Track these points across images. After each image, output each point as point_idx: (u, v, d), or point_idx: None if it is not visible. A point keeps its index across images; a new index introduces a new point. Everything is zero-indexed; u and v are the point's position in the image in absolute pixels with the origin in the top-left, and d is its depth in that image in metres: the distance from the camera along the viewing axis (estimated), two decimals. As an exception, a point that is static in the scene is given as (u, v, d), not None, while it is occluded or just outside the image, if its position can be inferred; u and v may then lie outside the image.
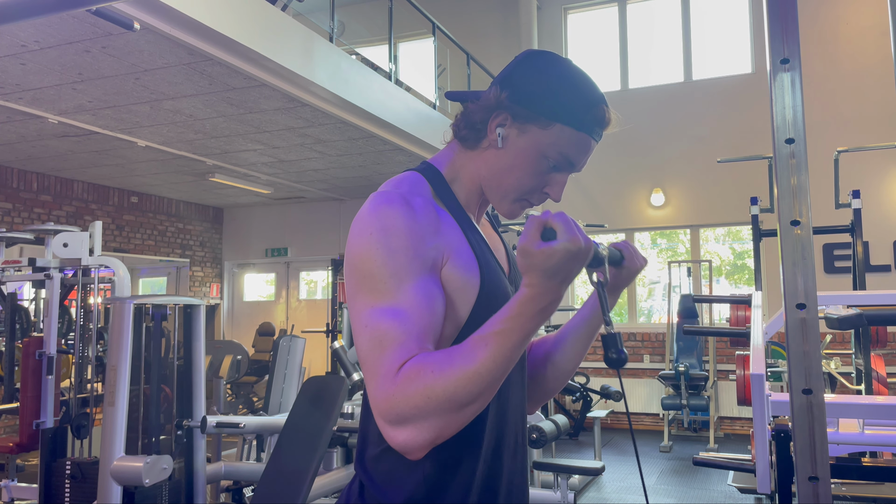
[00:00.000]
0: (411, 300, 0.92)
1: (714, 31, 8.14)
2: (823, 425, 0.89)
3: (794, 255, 0.91)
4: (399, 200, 0.96)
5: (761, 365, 2.20)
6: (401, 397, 0.85)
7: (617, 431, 7.59)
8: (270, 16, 4.56)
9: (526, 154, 1.03)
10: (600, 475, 5.28)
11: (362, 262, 0.94)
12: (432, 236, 0.96)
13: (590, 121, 1.02)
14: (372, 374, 0.89)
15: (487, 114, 1.04)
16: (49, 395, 3.76)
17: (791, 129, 0.91)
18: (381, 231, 0.94)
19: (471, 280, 0.99)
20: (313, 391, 3.30)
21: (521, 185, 1.05)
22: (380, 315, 0.91)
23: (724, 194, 7.53)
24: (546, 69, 1.03)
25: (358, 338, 0.93)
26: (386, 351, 0.89)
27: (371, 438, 1.04)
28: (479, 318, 0.99)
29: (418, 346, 0.89)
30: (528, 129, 1.02)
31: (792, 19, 0.92)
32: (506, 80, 1.04)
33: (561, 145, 1.02)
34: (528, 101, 1.01)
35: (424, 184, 1.04)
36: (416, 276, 0.93)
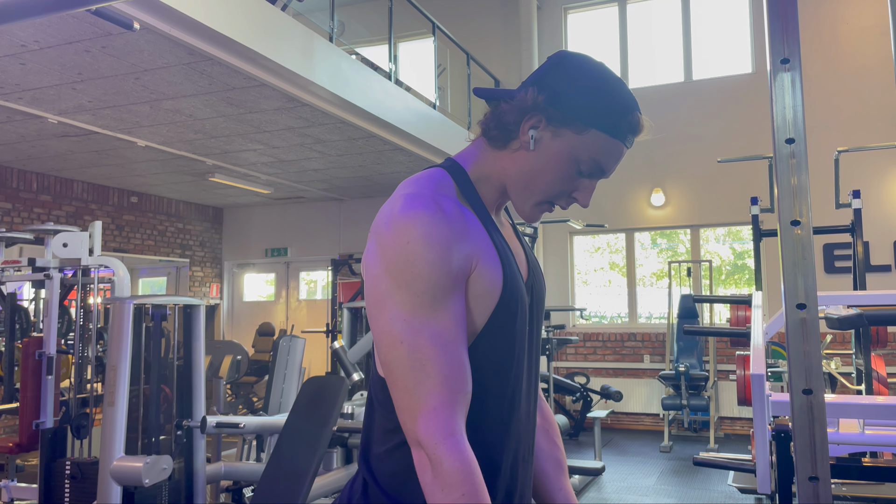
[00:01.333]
0: (448, 322, 0.93)
1: (714, 31, 8.14)
2: (824, 425, 0.89)
3: (795, 255, 0.90)
4: (433, 206, 0.95)
5: (761, 365, 2.20)
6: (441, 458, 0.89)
7: (617, 431, 7.59)
8: (270, 16, 4.56)
9: (558, 158, 1.02)
10: (600, 475, 5.29)
11: (399, 270, 0.93)
12: (464, 244, 0.96)
13: (624, 127, 1.02)
14: (411, 396, 0.92)
15: (521, 115, 1.02)
16: (49, 395, 3.76)
17: (791, 129, 0.91)
18: (419, 240, 0.93)
19: (494, 288, 0.99)
20: (313, 391, 3.30)
21: (550, 189, 1.04)
22: (417, 332, 0.92)
23: (724, 194, 7.53)
24: (583, 73, 1.02)
25: (391, 350, 0.94)
26: (431, 381, 0.92)
27: (376, 437, 1.04)
28: (496, 324, 1.00)
29: (462, 393, 0.93)
30: (563, 133, 1.01)
31: (792, 19, 0.92)
32: (541, 82, 1.02)
33: (594, 151, 1.01)
34: (565, 104, 1.00)
35: (450, 183, 1.03)
36: (451, 293, 0.94)
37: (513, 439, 1.04)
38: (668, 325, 7.50)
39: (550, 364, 6.67)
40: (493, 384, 1.00)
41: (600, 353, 7.98)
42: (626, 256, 8.31)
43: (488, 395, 1.00)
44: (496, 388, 1.01)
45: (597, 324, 8.45)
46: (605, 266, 8.64)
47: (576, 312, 8.13)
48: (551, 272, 8.37)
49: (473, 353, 0.98)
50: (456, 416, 0.92)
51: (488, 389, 1.00)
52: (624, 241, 8.32)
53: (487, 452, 1.00)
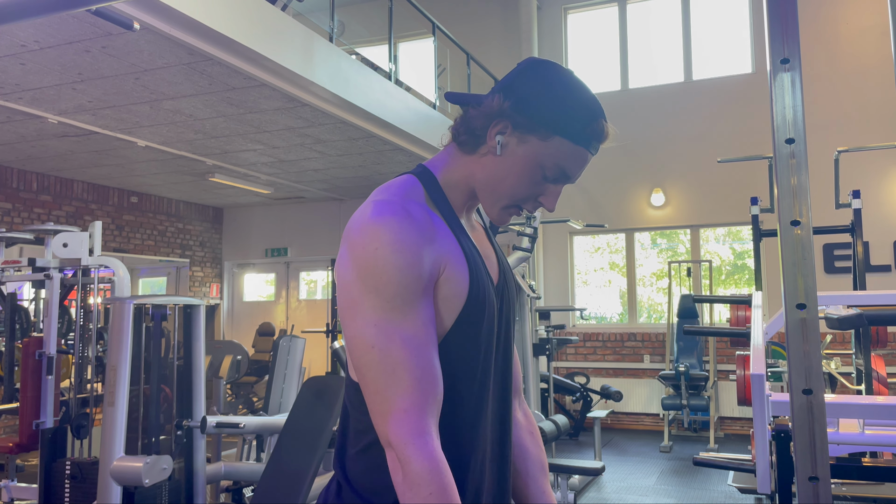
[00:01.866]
0: (418, 327, 0.95)
1: (714, 31, 8.14)
2: (823, 425, 0.89)
3: (795, 255, 0.90)
4: (402, 212, 0.98)
5: (761, 365, 2.20)
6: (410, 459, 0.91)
7: (617, 431, 7.59)
8: (270, 16, 4.56)
9: (523, 163, 1.04)
10: (600, 475, 5.29)
11: (369, 275, 0.95)
12: (432, 248, 0.98)
13: (588, 135, 1.04)
14: (382, 400, 0.94)
15: (488, 120, 1.05)
16: (49, 396, 3.76)
17: (791, 129, 0.91)
18: (388, 245, 0.95)
19: (460, 291, 1.01)
20: (313, 391, 3.30)
21: (516, 193, 1.07)
22: (388, 336, 0.94)
23: (724, 194, 7.53)
24: (549, 81, 1.04)
25: (363, 355, 0.95)
26: (402, 383, 0.94)
27: (350, 438, 1.06)
28: (462, 327, 1.02)
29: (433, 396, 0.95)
30: (528, 140, 1.03)
31: (792, 19, 0.92)
32: (508, 89, 1.04)
33: (559, 157, 1.03)
34: (530, 111, 1.02)
35: (419, 188, 1.06)
36: (420, 297, 0.96)
37: (481, 439, 1.06)
38: (668, 325, 7.51)
39: (550, 364, 6.67)
40: (460, 385, 1.03)
41: (600, 353, 7.98)
42: (626, 256, 8.31)
43: (455, 395, 1.02)
44: (463, 389, 1.03)
45: (597, 324, 8.45)
46: (605, 266, 8.64)
47: (576, 312, 8.13)
48: (551, 272, 8.37)
49: (441, 353, 1.00)
50: (426, 417, 0.94)
51: (455, 390, 1.02)
52: (624, 241, 8.32)
53: (456, 451, 1.02)
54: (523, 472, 1.23)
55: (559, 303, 8.17)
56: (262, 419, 3.84)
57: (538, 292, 8.04)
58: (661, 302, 8.26)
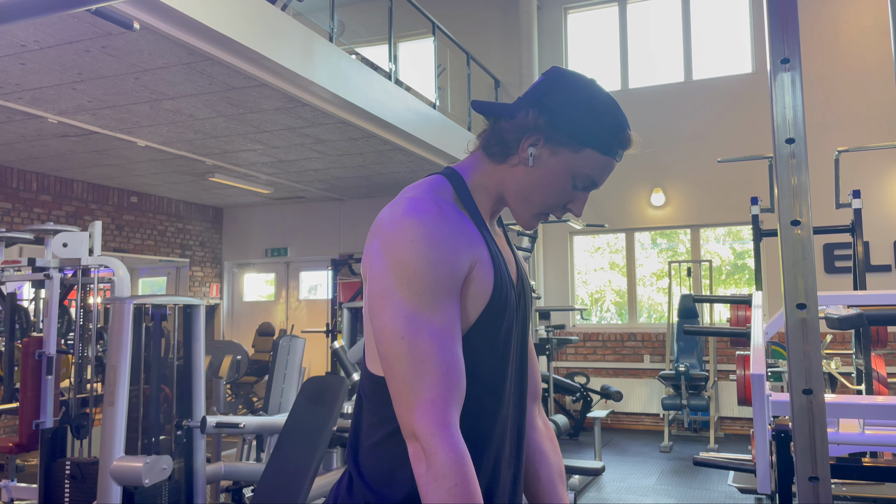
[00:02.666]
0: (447, 321, 0.98)
1: (714, 31, 8.14)
2: (824, 425, 0.89)
3: (795, 255, 0.90)
4: (435, 209, 1.02)
5: (761, 365, 2.20)
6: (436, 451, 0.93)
7: (617, 431, 7.59)
8: (270, 16, 4.56)
9: (556, 174, 1.09)
10: (600, 475, 5.29)
11: (402, 268, 0.98)
12: (465, 247, 1.02)
13: (616, 145, 1.09)
14: (409, 390, 0.96)
15: (521, 133, 1.09)
16: (49, 395, 3.75)
17: (791, 129, 0.91)
18: (422, 239, 0.98)
19: (485, 290, 1.04)
20: (313, 391, 3.30)
21: (547, 201, 1.12)
22: (418, 328, 0.96)
23: (724, 194, 7.53)
24: (579, 94, 1.09)
25: (391, 345, 0.97)
26: (429, 375, 0.96)
27: (364, 430, 1.08)
28: (483, 325, 1.05)
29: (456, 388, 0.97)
30: (560, 152, 1.08)
31: (792, 19, 0.92)
32: (540, 104, 1.09)
33: (588, 168, 1.09)
34: (564, 126, 1.07)
35: (449, 188, 1.10)
36: (451, 293, 1.00)
37: (496, 437, 1.08)
38: (668, 325, 7.50)
39: (550, 364, 6.67)
40: (478, 381, 1.05)
41: (600, 353, 7.98)
42: (626, 256, 8.31)
43: (473, 391, 1.04)
44: (481, 385, 1.06)
45: (597, 324, 8.45)
46: (605, 266, 8.64)
47: (576, 312, 8.13)
48: (551, 272, 8.37)
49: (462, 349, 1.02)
50: (451, 409, 0.96)
51: (473, 386, 1.04)
52: (624, 241, 8.32)
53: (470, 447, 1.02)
54: (544, 478, 1.25)
55: (559, 303, 8.17)
56: (262, 419, 3.83)
57: (538, 292, 8.04)
58: (661, 302, 8.26)
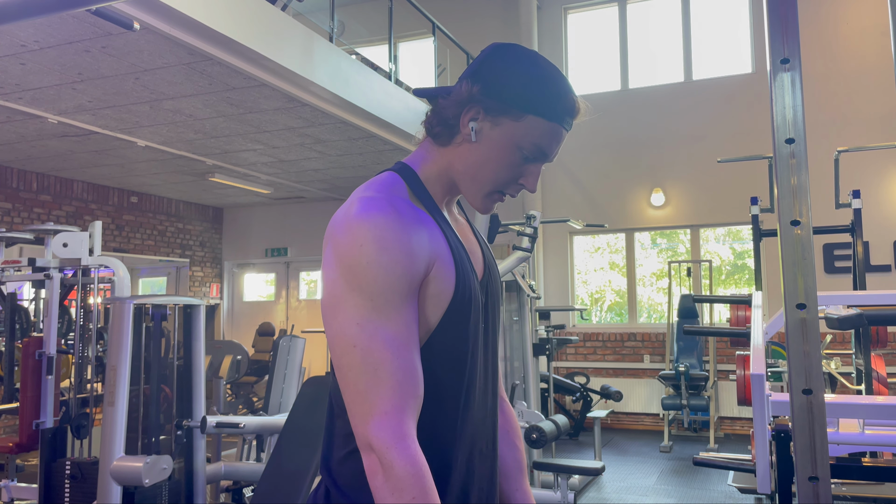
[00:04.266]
0: (402, 327, 0.94)
1: (714, 31, 8.14)
2: (823, 425, 0.89)
3: (795, 255, 0.90)
4: (389, 209, 0.97)
5: (761, 365, 2.20)
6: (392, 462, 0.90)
7: (617, 431, 7.59)
8: (270, 16, 4.56)
9: (500, 146, 1.03)
10: (600, 475, 5.28)
11: (353, 273, 0.94)
12: (420, 247, 0.97)
13: (561, 111, 1.03)
14: (363, 401, 0.92)
15: (459, 108, 1.04)
16: (49, 395, 3.76)
17: (791, 129, 0.91)
18: (374, 243, 0.93)
19: (447, 288, 1.00)
20: (313, 391, 3.30)
21: (497, 178, 1.06)
22: (371, 336, 0.92)
23: (724, 194, 7.53)
24: (515, 62, 1.04)
25: (344, 354, 0.94)
26: (383, 385, 0.92)
27: (336, 442, 1.05)
28: (448, 325, 1.01)
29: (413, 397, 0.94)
30: (501, 122, 1.03)
31: (792, 19, 0.92)
32: (476, 74, 1.04)
33: (534, 136, 1.03)
34: (500, 93, 1.02)
35: (402, 185, 1.05)
36: (405, 297, 0.95)
37: (468, 435, 1.05)
38: (668, 325, 7.51)
39: (550, 364, 6.67)
40: (446, 382, 1.02)
41: (600, 353, 7.98)
42: (626, 256, 8.31)
43: (442, 392, 1.01)
44: (449, 386, 1.02)
45: (597, 324, 8.45)
46: (605, 266, 8.64)
47: (576, 312, 8.13)
48: (551, 272, 8.37)
49: (426, 351, 0.99)
50: (407, 419, 0.93)
51: (441, 387, 1.01)
52: (624, 241, 8.32)
53: (441, 449, 1.01)
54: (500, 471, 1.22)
55: (559, 303, 8.17)
56: (262, 419, 3.83)
57: (538, 292, 8.04)
58: (661, 302, 8.26)
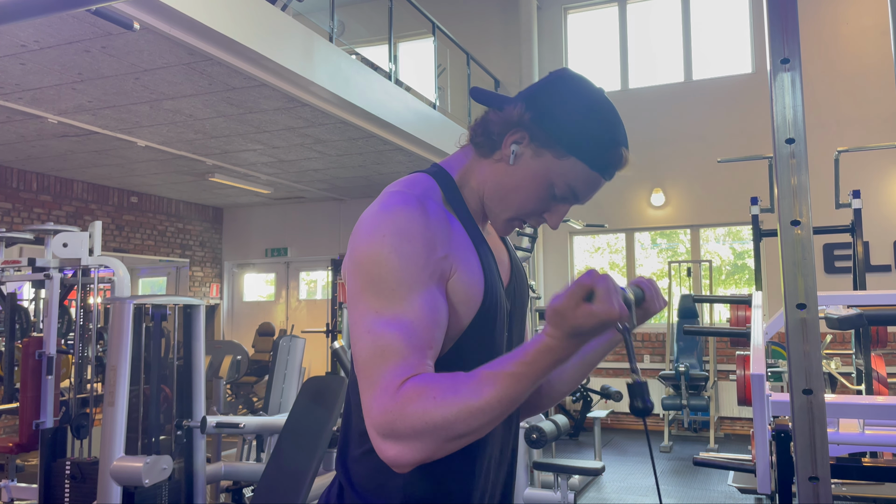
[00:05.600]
0: (417, 311, 0.90)
1: (714, 31, 8.14)
2: (824, 425, 0.89)
3: (795, 255, 0.90)
4: (415, 202, 0.95)
5: (761, 365, 2.20)
6: (398, 414, 0.84)
7: (617, 431, 7.59)
8: (270, 16, 4.56)
9: (534, 177, 1.01)
10: (600, 475, 5.28)
11: (371, 264, 0.92)
12: (444, 245, 0.95)
13: (605, 162, 1.00)
14: (370, 384, 0.88)
15: (506, 127, 1.01)
16: (49, 396, 3.75)
17: (791, 129, 0.91)
18: (395, 233, 0.91)
19: (474, 296, 0.98)
20: (313, 391, 3.30)
21: (522, 207, 1.03)
22: (384, 324, 0.89)
23: (724, 194, 7.53)
24: (574, 97, 1.00)
25: (358, 341, 0.91)
26: (388, 363, 0.87)
27: (353, 439, 1.04)
28: (474, 332, 0.99)
29: (420, 362, 0.88)
30: (543, 154, 1.00)
31: (792, 19, 0.92)
32: (532, 99, 1.01)
33: (571, 178, 1.00)
34: (550, 127, 0.99)
35: (436, 188, 1.02)
36: (424, 286, 0.92)
37: (489, 443, 1.04)
38: (668, 325, 7.50)
39: (550, 364, 6.66)
40: None
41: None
42: (626, 256, 8.31)
43: None
44: None
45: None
46: (606, 266, 8.64)
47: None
48: (551, 272, 8.37)
49: (454, 350, 0.98)
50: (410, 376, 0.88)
51: None
52: (624, 241, 8.32)
53: (465, 457, 0.99)
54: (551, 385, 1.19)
55: (559, 303, 8.15)
56: (262, 419, 3.83)
57: (538, 292, 8.04)
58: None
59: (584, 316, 0.81)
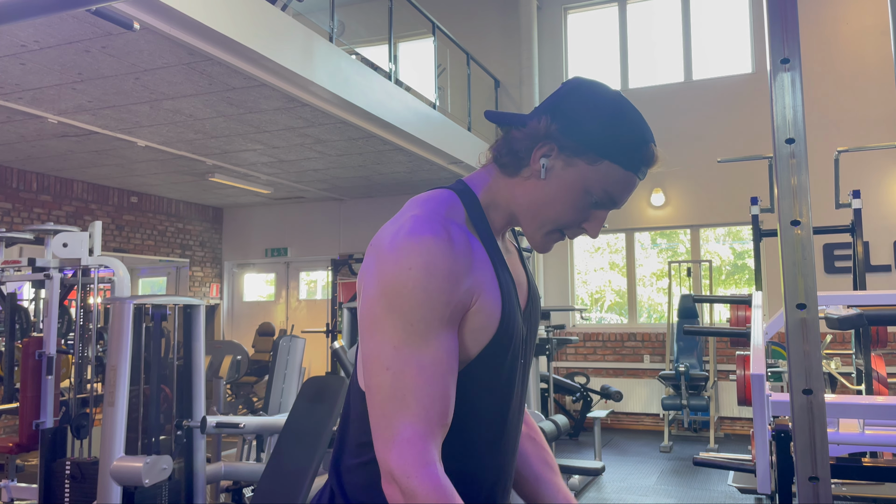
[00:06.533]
0: (435, 356, 0.91)
1: (714, 31, 8.14)
2: (824, 425, 0.89)
3: (795, 255, 0.90)
4: (442, 233, 0.93)
5: (761, 365, 2.20)
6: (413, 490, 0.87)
7: (617, 431, 7.59)
8: (270, 16, 4.56)
9: (570, 188, 1.00)
10: (600, 475, 5.29)
11: (395, 295, 0.91)
12: (468, 278, 0.94)
13: (638, 160, 1.01)
14: (389, 430, 0.90)
15: (533, 142, 1.00)
16: (49, 396, 3.76)
17: (791, 129, 0.91)
18: (422, 268, 0.91)
19: (491, 324, 0.98)
20: (313, 391, 3.30)
21: (560, 219, 1.02)
22: (406, 361, 0.90)
23: (724, 194, 7.53)
24: (598, 102, 1.00)
25: (375, 375, 0.92)
26: (409, 413, 0.89)
27: (349, 447, 1.03)
28: (487, 358, 0.99)
29: (439, 424, 0.91)
30: (575, 163, 0.99)
31: (792, 19, 0.92)
32: (555, 110, 1.00)
33: (607, 182, 1.00)
34: (579, 135, 0.98)
35: (460, 208, 1.01)
36: (446, 325, 0.93)
37: (494, 469, 1.04)
38: (668, 325, 7.50)
39: (550, 364, 6.67)
40: (477, 414, 1.00)
41: (600, 353, 7.98)
42: (625, 256, 8.31)
43: (472, 423, 0.99)
44: (480, 418, 1.01)
45: (597, 324, 8.45)
46: (605, 266, 8.63)
47: (575, 312, 8.13)
48: (551, 272, 8.37)
49: (462, 381, 0.97)
50: (430, 446, 0.90)
51: (472, 419, 0.99)
52: (624, 241, 8.32)
53: (468, 481, 0.99)
54: (533, 476, 1.20)
55: (559, 303, 8.17)
56: (262, 419, 3.83)
57: (538, 292, 8.03)
58: (661, 302, 8.26)
59: None
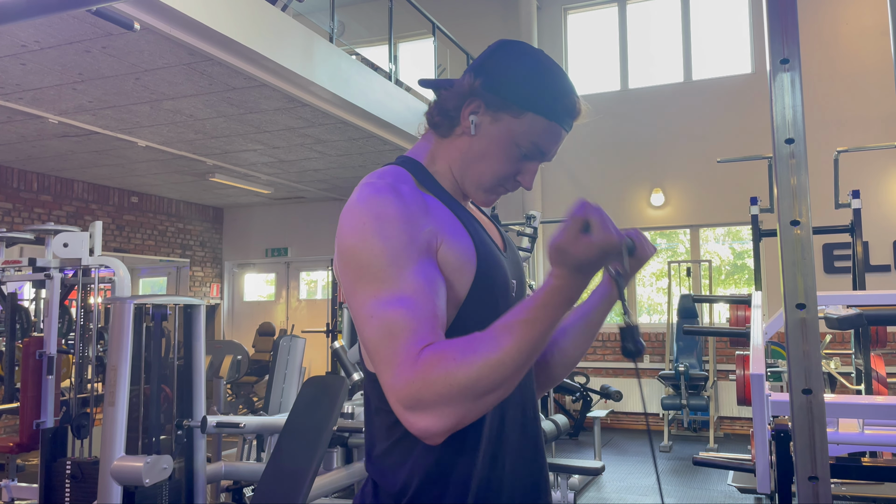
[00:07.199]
0: (414, 286, 0.91)
1: (714, 31, 8.14)
2: (823, 425, 0.89)
3: (794, 255, 0.91)
4: (387, 188, 0.97)
5: (761, 365, 2.20)
6: (421, 383, 0.84)
7: (617, 431, 7.59)
8: (270, 16, 4.56)
9: (498, 141, 1.04)
10: (600, 475, 5.29)
11: (359, 253, 0.93)
12: (424, 220, 0.97)
13: (561, 111, 1.04)
14: (386, 363, 0.88)
15: (461, 101, 1.05)
16: (49, 395, 3.76)
17: (791, 129, 0.91)
18: (374, 219, 0.93)
19: (468, 260, 0.99)
20: (313, 391, 3.30)
21: (494, 173, 1.06)
22: (385, 304, 0.90)
23: (724, 194, 7.53)
24: (520, 58, 1.04)
25: (364, 330, 0.92)
26: (399, 339, 0.87)
27: (378, 435, 1.04)
28: (477, 296, 1.00)
29: (430, 332, 0.89)
30: (501, 118, 1.03)
31: (792, 19, 0.92)
32: (480, 68, 1.05)
33: (532, 134, 1.03)
34: (502, 89, 1.02)
35: (406, 175, 1.04)
36: (414, 261, 0.93)
37: (498, 406, 1.02)
38: (668, 325, 7.51)
39: (550, 364, 6.66)
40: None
41: (600, 353, 7.98)
42: (626, 256, 8.30)
43: None
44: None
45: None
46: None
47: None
48: (551, 272, 8.36)
49: (457, 322, 0.98)
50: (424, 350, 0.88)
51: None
52: (624, 241, 8.31)
53: (477, 423, 0.98)
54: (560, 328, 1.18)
55: (559, 303, 8.15)
56: (262, 419, 3.84)
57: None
58: (661, 302, 8.27)
59: (584, 248, 0.84)
